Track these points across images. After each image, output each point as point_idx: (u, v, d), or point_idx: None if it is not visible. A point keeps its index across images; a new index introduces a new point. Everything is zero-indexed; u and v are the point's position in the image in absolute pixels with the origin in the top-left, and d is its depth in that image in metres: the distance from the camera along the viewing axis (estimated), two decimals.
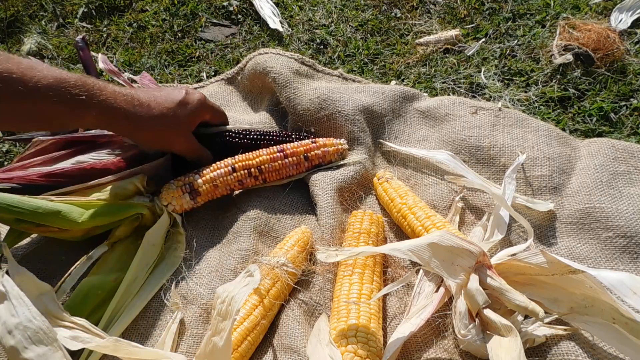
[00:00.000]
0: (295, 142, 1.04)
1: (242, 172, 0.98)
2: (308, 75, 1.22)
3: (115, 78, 1.12)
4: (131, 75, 1.36)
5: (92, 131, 1.01)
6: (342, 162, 1.05)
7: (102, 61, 1.13)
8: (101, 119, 0.82)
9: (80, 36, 1.10)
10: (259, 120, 1.17)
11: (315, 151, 1.03)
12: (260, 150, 1.02)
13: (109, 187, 0.94)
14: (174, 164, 1.05)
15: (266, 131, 1.08)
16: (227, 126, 1.07)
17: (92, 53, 1.19)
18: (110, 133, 1.00)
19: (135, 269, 0.87)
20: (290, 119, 1.14)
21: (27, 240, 0.97)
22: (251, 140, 1.05)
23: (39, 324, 0.67)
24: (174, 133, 0.93)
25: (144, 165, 0.99)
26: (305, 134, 1.09)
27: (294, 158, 1.02)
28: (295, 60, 1.23)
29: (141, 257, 0.89)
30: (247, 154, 1.01)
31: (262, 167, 0.99)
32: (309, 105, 1.10)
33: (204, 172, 0.98)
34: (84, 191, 0.93)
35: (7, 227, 0.94)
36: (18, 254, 0.94)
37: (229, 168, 0.98)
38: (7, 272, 0.74)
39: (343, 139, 1.06)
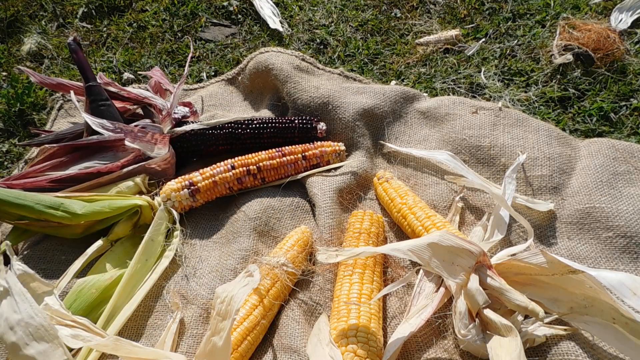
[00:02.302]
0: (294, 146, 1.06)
1: (240, 169, 0.99)
2: (309, 71, 1.23)
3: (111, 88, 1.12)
4: (131, 75, 1.37)
5: (96, 136, 1.01)
6: (339, 165, 1.06)
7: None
8: None
9: (71, 38, 1.08)
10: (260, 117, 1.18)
11: (313, 151, 1.05)
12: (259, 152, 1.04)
13: (112, 189, 0.96)
14: (178, 162, 1.06)
15: (268, 118, 1.10)
16: (233, 117, 1.10)
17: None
18: (113, 138, 1.00)
19: (135, 264, 0.88)
20: (291, 113, 1.15)
21: (29, 240, 0.97)
22: (254, 130, 1.07)
23: (40, 321, 0.67)
24: None
25: (147, 161, 1.00)
26: (308, 118, 1.10)
27: (292, 157, 1.03)
28: (296, 57, 1.24)
29: (141, 252, 0.89)
30: (246, 155, 1.03)
31: (261, 165, 1.00)
32: (309, 102, 1.12)
33: (204, 169, 0.99)
34: (87, 190, 0.96)
35: (9, 227, 0.95)
36: (20, 254, 0.95)
37: (228, 166, 0.99)
38: (10, 269, 0.75)
39: (341, 143, 1.09)
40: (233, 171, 0.99)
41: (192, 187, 0.96)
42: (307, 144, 1.06)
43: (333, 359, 0.67)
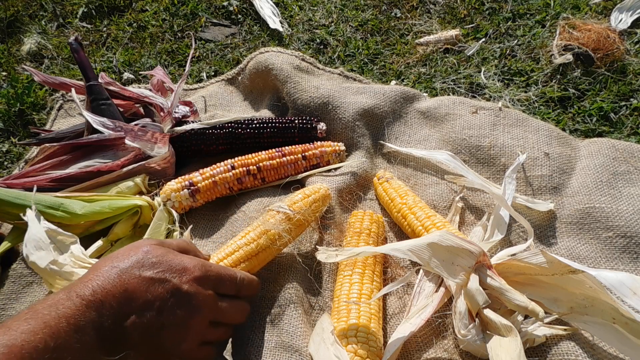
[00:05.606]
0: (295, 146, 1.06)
1: (240, 169, 0.99)
2: (309, 71, 1.23)
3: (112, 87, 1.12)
4: (131, 75, 1.38)
5: (96, 135, 1.01)
6: (339, 165, 1.06)
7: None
8: None
9: (72, 37, 1.09)
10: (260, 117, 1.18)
11: (313, 151, 1.05)
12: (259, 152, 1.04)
13: (112, 189, 0.96)
14: (178, 162, 1.06)
15: (268, 118, 1.11)
16: (233, 117, 1.10)
17: None
18: (114, 137, 1.00)
19: None
20: (291, 113, 1.15)
21: None
22: (254, 130, 1.08)
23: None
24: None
25: (147, 160, 1.00)
26: (308, 118, 1.10)
27: (292, 157, 1.03)
28: (296, 57, 1.24)
29: None
30: (246, 155, 1.03)
31: (261, 165, 1.00)
32: (309, 102, 1.12)
33: (204, 170, 0.99)
34: (87, 190, 0.97)
35: (9, 227, 0.95)
36: (20, 254, 0.95)
37: (228, 166, 0.99)
38: None
39: (341, 143, 1.09)
40: (233, 171, 0.99)
41: (192, 187, 0.96)
42: (307, 144, 1.06)
43: (339, 359, 0.67)
